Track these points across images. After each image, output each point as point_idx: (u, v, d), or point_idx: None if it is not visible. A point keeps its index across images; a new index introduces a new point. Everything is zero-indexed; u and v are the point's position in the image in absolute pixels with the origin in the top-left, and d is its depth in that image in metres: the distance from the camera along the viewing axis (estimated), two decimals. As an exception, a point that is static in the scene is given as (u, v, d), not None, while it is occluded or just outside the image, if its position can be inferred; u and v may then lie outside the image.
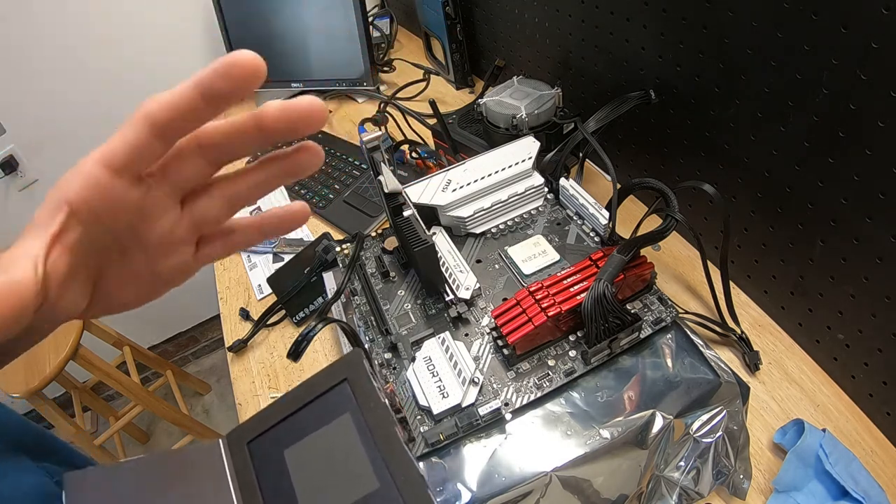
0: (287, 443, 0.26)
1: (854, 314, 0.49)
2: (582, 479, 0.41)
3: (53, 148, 1.28)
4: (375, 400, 0.25)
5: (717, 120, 0.55)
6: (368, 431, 0.25)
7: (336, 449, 0.25)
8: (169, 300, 0.29)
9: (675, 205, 0.46)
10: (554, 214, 0.58)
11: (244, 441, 0.27)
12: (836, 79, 0.41)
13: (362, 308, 0.54)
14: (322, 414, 0.26)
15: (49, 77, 1.22)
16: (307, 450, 0.26)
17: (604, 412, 0.43)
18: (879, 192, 0.41)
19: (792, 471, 0.46)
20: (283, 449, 0.26)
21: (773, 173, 0.51)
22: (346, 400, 0.26)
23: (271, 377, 0.67)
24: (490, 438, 0.42)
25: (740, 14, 0.47)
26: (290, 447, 0.26)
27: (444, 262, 0.52)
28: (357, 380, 0.26)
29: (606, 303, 0.41)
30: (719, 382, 0.43)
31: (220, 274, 0.84)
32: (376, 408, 0.25)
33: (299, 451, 0.26)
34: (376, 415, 0.25)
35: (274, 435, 0.27)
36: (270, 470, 0.26)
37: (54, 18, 1.16)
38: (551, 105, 0.70)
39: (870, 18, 0.37)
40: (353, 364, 0.27)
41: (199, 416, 1.76)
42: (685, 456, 0.44)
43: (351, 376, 0.26)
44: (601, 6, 0.64)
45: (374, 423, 0.25)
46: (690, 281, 0.64)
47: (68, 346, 1.22)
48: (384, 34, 1.25)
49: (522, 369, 0.45)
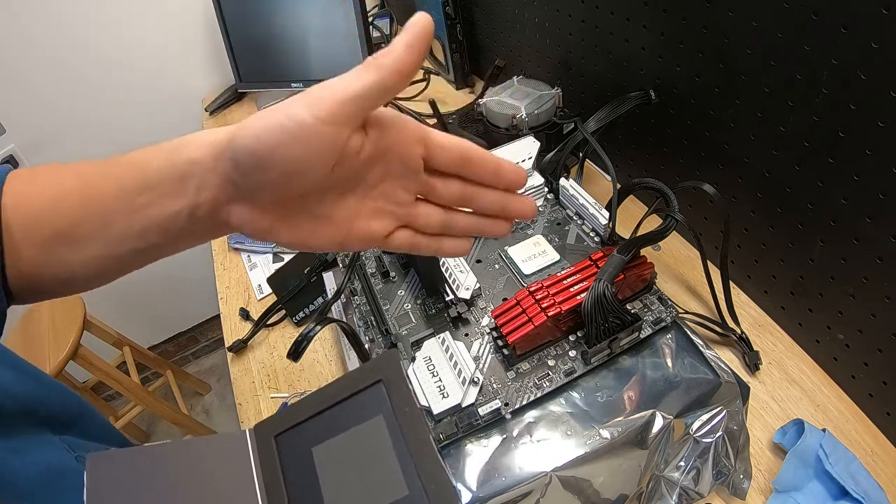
0: (316, 440, 0.25)
1: (854, 314, 0.49)
2: (582, 479, 0.41)
3: (53, 148, 1.28)
4: (411, 404, 0.24)
5: (717, 120, 0.55)
6: (401, 436, 0.24)
7: (366, 451, 0.24)
8: (169, 300, 0.29)
9: (675, 205, 0.46)
10: (554, 214, 0.58)
11: (272, 434, 0.26)
12: (836, 79, 0.41)
13: (362, 308, 0.54)
14: (354, 414, 0.25)
15: (49, 77, 1.22)
16: (336, 449, 0.25)
17: (604, 412, 0.43)
18: (879, 192, 0.41)
19: (792, 471, 0.46)
20: (312, 446, 0.25)
21: (773, 173, 0.51)
22: (381, 401, 0.25)
23: (271, 377, 0.67)
24: (490, 438, 0.42)
25: (740, 14, 0.47)
26: (319, 445, 0.25)
27: (444, 262, 0.52)
28: (393, 381, 0.25)
29: (606, 303, 0.41)
30: (719, 382, 0.43)
31: (220, 274, 0.84)
32: (411, 412, 0.24)
33: (328, 449, 0.25)
34: (411, 419, 0.24)
35: (303, 431, 0.26)
36: (297, 466, 0.25)
37: (54, 19, 1.16)
38: (551, 105, 0.70)
39: (870, 18, 0.37)
40: (390, 365, 0.26)
41: (199, 416, 1.76)
42: (685, 456, 0.44)
43: (387, 377, 0.25)
44: (601, 6, 0.64)
45: (408, 428, 0.24)
46: (690, 281, 0.64)
47: (68, 346, 1.22)
48: (384, 34, 1.25)
49: (522, 369, 0.45)
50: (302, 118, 0.23)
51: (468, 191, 0.29)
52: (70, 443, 0.34)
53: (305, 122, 0.23)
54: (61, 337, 1.24)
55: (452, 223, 0.30)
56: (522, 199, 0.30)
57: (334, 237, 0.28)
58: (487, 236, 0.32)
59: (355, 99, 0.24)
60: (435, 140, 0.28)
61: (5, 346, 0.32)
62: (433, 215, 0.30)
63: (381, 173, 0.28)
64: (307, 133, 0.23)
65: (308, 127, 0.23)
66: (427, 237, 0.30)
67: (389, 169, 0.28)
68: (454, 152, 0.28)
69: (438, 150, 0.28)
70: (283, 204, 0.26)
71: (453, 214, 0.30)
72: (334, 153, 0.25)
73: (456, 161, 0.28)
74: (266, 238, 0.28)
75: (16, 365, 0.32)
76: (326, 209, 0.28)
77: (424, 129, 0.28)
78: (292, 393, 0.65)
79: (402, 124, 0.27)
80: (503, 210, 0.30)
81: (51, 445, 0.32)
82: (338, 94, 0.24)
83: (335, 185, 0.27)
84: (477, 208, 0.30)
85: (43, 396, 0.34)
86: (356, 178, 0.27)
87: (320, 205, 0.27)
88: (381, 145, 0.26)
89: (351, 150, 0.25)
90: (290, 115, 0.23)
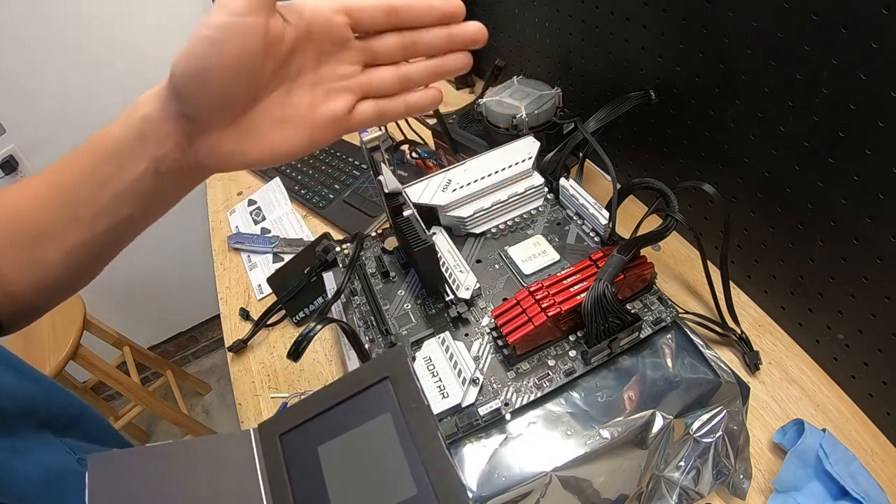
0: (322, 439, 0.25)
1: (854, 314, 0.49)
2: (582, 479, 0.41)
3: (53, 148, 1.28)
4: (418, 401, 0.24)
5: (717, 120, 0.55)
6: (409, 434, 0.23)
7: (373, 450, 0.24)
8: (169, 300, 0.29)
9: (675, 205, 0.46)
10: (554, 214, 0.58)
11: (276, 433, 0.26)
12: (836, 79, 0.41)
13: (362, 308, 0.54)
14: (361, 412, 0.25)
15: (49, 78, 1.22)
16: (343, 448, 0.24)
17: (604, 412, 0.43)
18: (879, 192, 0.41)
19: (792, 471, 0.46)
20: (318, 445, 0.25)
21: (773, 173, 0.51)
22: (388, 399, 0.24)
23: (271, 377, 0.67)
24: (490, 438, 0.42)
25: (740, 14, 0.47)
26: (325, 444, 0.25)
27: (444, 262, 0.52)
28: (400, 378, 0.25)
29: (606, 303, 0.41)
30: (719, 382, 0.43)
31: (220, 274, 0.85)
32: (419, 409, 0.24)
33: (334, 448, 0.24)
34: (419, 417, 0.24)
35: (308, 429, 0.25)
36: (302, 465, 0.25)
37: (55, 19, 1.16)
38: (551, 105, 0.70)
39: (870, 18, 0.37)
40: (397, 361, 0.25)
41: (199, 416, 1.76)
42: (685, 456, 0.44)
43: (394, 374, 0.25)
44: (601, 6, 0.64)
45: (416, 426, 0.23)
46: (690, 281, 0.64)
47: (68, 346, 1.22)
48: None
49: (522, 369, 0.45)
50: (219, 20, 0.25)
51: (407, 38, 0.30)
52: (71, 445, 0.34)
53: (223, 21, 0.25)
54: (61, 337, 1.24)
55: (409, 74, 0.31)
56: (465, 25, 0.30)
57: (300, 134, 0.29)
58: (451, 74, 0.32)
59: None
60: (353, 4, 0.29)
61: (6, 349, 0.32)
62: (386, 75, 0.30)
63: (315, 54, 0.29)
64: (229, 32, 0.25)
65: (228, 25, 0.25)
66: (391, 100, 0.31)
67: (321, 47, 0.29)
68: (376, 7, 0.29)
69: (360, 12, 0.29)
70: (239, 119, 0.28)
71: (407, 66, 0.31)
72: (259, 42, 0.26)
73: (382, 15, 0.29)
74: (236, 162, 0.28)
75: (17, 367, 0.32)
76: (280, 109, 0.28)
77: None
78: (292, 393, 0.65)
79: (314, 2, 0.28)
80: (451, 41, 0.30)
81: (52, 447, 0.32)
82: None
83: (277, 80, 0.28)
84: (426, 52, 0.31)
85: (43, 398, 0.34)
86: (294, 67, 0.28)
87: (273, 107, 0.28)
88: (301, 26, 0.28)
89: (274, 36, 0.26)
90: (209, 23, 0.25)
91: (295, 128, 0.29)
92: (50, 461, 0.31)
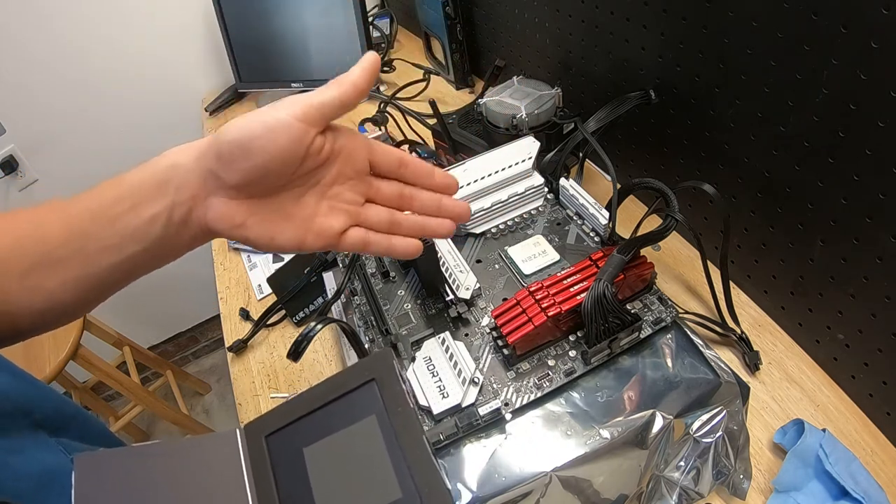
0: (307, 440, 0.25)
1: (854, 314, 0.49)
2: (582, 479, 0.41)
3: (53, 148, 1.28)
4: (403, 403, 0.24)
5: (717, 120, 0.55)
6: (394, 436, 0.23)
7: (359, 452, 0.24)
8: (169, 300, 0.29)
9: (675, 205, 0.46)
10: (554, 214, 0.58)
11: (262, 434, 0.26)
12: (836, 79, 0.41)
13: (362, 308, 0.54)
14: (346, 413, 0.25)
15: (49, 77, 1.22)
16: (328, 450, 0.24)
17: (604, 412, 0.43)
18: (879, 192, 0.41)
19: (792, 471, 0.46)
20: (303, 446, 0.25)
21: (773, 173, 0.51)
22: (373, 401, 0.25)
23: (271, 377, 0.67)
24: (490, 438, 0.42)
25: (740, 14, 0.47)
26: (311, 445, 0.25)
27: (444, 262, 0.52)
28: (386, 380, 0.25)
29: (606, 303, 0.41)
30: (719, 382, 0.43)
31: (220, 274, 0.85)
32: (404, 412, 0.24)
33: (320, 450, 0.25)
34: (404, 419, 0.24)
35: (294, 431, 0.26)
36: (288, 467, 0.25)
37: (55, 20, 1.16)
38: (551, 105, 0.70)
39: (870, 18, 0.37)
40: (383, 364, 0.25)
41: (199, 416, 1.75)
42: (685, 456, 0.44)
43: (379, 376, 0.25)
44: (601, 6, 0.64)
45: (401, 428, 0.24)
46: (690, 281, 0.64)
47: (68, 346, 1.22)
48: (384, 34, 1.25)
49: (522, 369, 0.45)
50: (281, 116, 0.29)
51: (407, 190, 0.35)
52: (66, 445, 0.34)
53: (282, 118, 0.29)
54: (61, 337, 1.24)
55: (399, 220, 0.35)
56: (456, 201, 0.36)
57: (296, 234, 0.33)
58: (433, 236, 0.37)
59: (322, 105, 0.30)
60: (377, 147, 0.34)
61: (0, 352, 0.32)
62: (381, 213, 0.35)
63: (336, 173, 0.33)
64: (284, 126, 0.29)
65: (284, 122, 0.29)
66: (378, 235, 0.35)
67: (343, 170, 0.33)
68: (393, 156, 0.35)
69: (381, 156, 0.34)
70: (256, 199, 0.31)
71: (399, 214, 0.35)
72: (303, 147, 0.30)
73: (395, 164, 0.35)
74: (238, 234, 0.31)
75: (11, 369, 0.33)
76: (290, 207, 0.32)
77: (370, 140, 0.34)
78: (292, 393, 0.65)
79: (353, 134, 0.34)
80: (439, 209, 0.36)
81: (46, 447, 0.33)
82: (309, 100, 0.30)
83: (300, 181, 0.32)
84: (418, 208, 0.36)
85: (38, 399, 0.34)
86: (316, 176, 0.33)
87: (286, 202, 0.32)
88: (336, 148, 0.32)
89: (315, 147, 0.31)
90: (272, 114, 0.29)
91: (296, 227, 0.33)
92: (45, 461, 0.31)
